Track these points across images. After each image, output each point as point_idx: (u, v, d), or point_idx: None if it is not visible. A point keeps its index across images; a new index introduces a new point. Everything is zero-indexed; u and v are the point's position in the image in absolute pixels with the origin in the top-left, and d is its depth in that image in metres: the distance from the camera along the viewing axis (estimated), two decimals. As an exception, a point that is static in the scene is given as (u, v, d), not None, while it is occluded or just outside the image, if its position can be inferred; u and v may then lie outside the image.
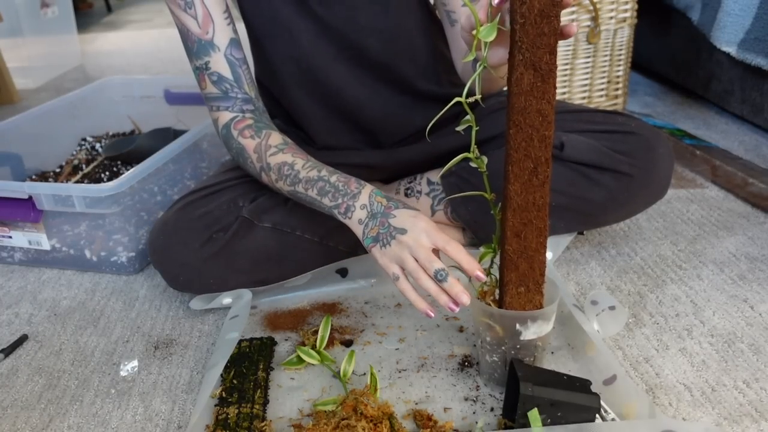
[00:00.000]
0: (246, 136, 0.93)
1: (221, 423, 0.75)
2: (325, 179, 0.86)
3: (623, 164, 0.97)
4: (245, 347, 0.89)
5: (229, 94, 0.94)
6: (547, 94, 0.66)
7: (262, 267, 0.97)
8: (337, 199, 0.85)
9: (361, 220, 0.82)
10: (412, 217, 0.78)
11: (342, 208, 0.84)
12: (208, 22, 0.92)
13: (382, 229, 0.79)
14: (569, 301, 0.90)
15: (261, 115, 0.98)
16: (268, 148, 0.92)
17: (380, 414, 0.72)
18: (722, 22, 1.43)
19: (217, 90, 0.94)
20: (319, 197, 0.86)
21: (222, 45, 0.93)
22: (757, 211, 1.20)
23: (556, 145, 0.98)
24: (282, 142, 0.93)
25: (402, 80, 1.03)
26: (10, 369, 0.91)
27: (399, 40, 1.00)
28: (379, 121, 1.06)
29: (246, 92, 0.95)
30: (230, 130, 0.95)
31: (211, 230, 0.96)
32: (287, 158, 0.90)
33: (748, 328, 0.89)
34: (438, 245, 0.75)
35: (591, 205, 1.00)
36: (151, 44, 3.16)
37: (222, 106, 0.95)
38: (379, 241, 0.79)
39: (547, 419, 0.69)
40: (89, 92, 1.63)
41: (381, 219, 0.80)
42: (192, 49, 0.94)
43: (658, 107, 1.75)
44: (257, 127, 0.94)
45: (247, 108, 0.96)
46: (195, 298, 0.97)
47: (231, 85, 0.94)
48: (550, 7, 0.62)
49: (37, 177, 1.43)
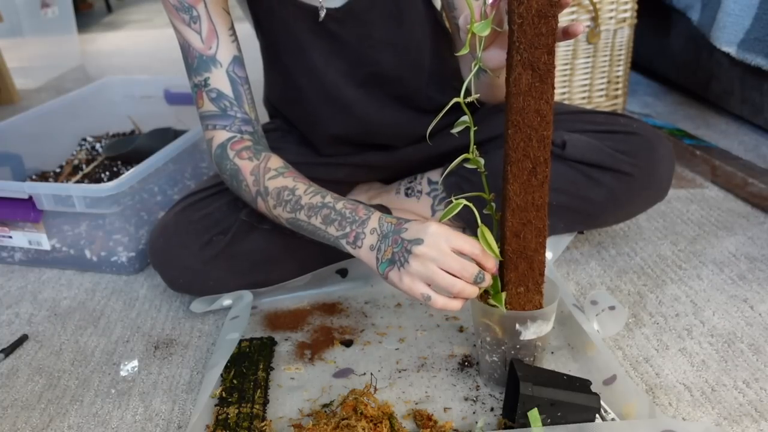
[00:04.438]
0: (243, 157, 0.87)
1: (221, 423, 0.75)
2: (330, 206, 0.80)
3: (624, 164, 0.97)
4: (245, 347, 0.89)
5: (228, 113, 0.89)
6: (545, 95, 0.66)
7: (262, 269, 0.97)
8: (344, 227, 0.79)
9: (372, 246, 0.76)
10: (423, 225, 0.73)
11: (351, 237, 0.78)
12: (213, 37, 0.87)
13: (396, 248, 0.73)
14: (569, 301, 0.90)
15: (260, 139, 0.92)
16: (267, 171, 0.86)
17: (380, 414, 0.72)
18: (722, 22, 1.43)
19: (215, 107, 0.89)
20: (323, 226, 0.80)
21: (225, 61, 0.88)
22: (757, 211, 1.20)
23: (557, 144, 0.98)
24: (282, 165, 0.87)
25: (412, 94, 1.01)
26: (10, 369, 0.91)
27: (410, 53, 0.98)
28: (389, 136, 1.05)
29: (246, 112, 0.90)
30: (226, 150, 0.88)
31: (211, 233, 0.96)
32: (288, 182, 0.84)
33: (748, 328, 0.89)
34: (464, 250, 0.71)
35: (591, 204, 1.00)
36: (151, 44, 3.16)
37: (219, 124, 0.89)
38: (395, 262, 0.73)
39: (547, 419, 0.69)
40: (89, 92, 1.63)
41: (393, 237, 0.74)
42: (192, 66, 0.89)
43: (658, 107, 1.75)
44: (256, 149, 0.89)
45: (246, 129, 0.90)
46: (195, 301, 0.97)
47: (230, 102, 0.89)
48: (548, 7, 0.62)
49: (37, 177, 1.43)
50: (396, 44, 0.96)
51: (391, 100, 1.01)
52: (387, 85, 0.99)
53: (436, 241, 0.70)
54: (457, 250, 0.71)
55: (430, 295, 0.71)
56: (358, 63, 0.97)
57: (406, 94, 1.01)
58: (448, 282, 0.70)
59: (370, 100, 1.00)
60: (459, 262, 0.70)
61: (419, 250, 0.71)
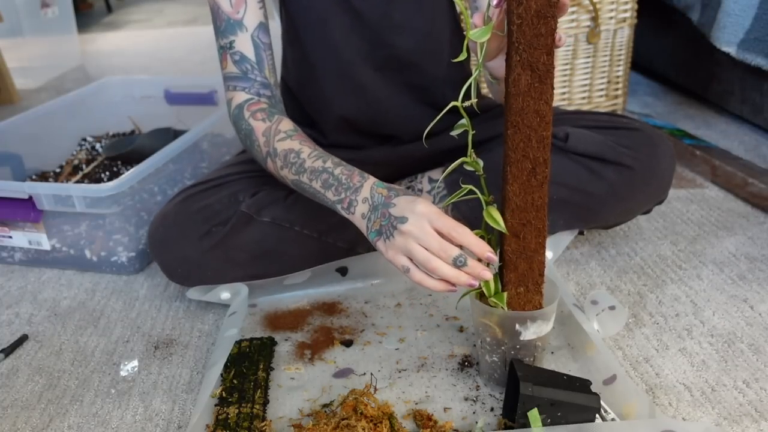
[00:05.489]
0: (257, 118, 0.92)
1: (221, 423, 0.75)
2: (329, 171, 0.84)
3: (626, 157, 0.98)
4: (245, 347, 0.89)
5: (249, 75, 0.93)
6: (544, 95, 0.66)
7: (260, 261, 0.98)
8: (340, 193, 0.82)
9: (363, 214, 0.80)
10: (410, 203, 0.75)
11: (345, 203, 0.82)
12: (241, 3, 0.91)
13: (383, 221, 0.77)
14: (569, 301, 0.90)
15: (277, 103, 0.96)
16: (277, 132, 0.90)
17: (380, 414, 0.72)
18: (722, 22, 1.43)
19: (237, 70, 0.93)
20: (323, 190, 0.84)
21: (250, 26, 0.92)
22: (757, 211, 1.20)
23: (560, 137, 0.99)
24: (292, 128, 0.91)
25: (428, 85, 1.03)
26: (10, 369, 0.91)
27: (429, 40, 1.00)
28: (396, 125, 1.06)
29: (265, 77, 0.94)
30: (242, 110, 0.93)
31: (210, 223, 0.96)
32: (294, 145, 0.88)
33: (748, 328, 0.89)
34: (442, 231, 0.73)
35: (592, 198, 1.00)
36: (151, 44, 3.16)
37: (239, 86, 0.94)
38: (382, 234, 0.77)
39: (547, 419, 0.69)
40: (89, 92, 1.63)
41: (382, 210, 0.78)
42: (219, 28, 0.93)
43: (658, 107, 1.75)
44: (270, 111, 0.92)
45: (264, 93, 0.94)
46: (192, 289, 0.98)
47: (252, 66, 0.93)
48: (546, 8, 0.62)
49: (37, 177, 1.43)
50: (416, 28, 0.98)
51: (406, 89, 1.02)
52: (404, 70, 1.01)
53: (420, 221, 0.74)
54: (438, 230, 0.73)
55: (409, 268, 0.75)
56: (376, 43, 0.99)
57: (422, 84, 1.02)
58: (425, 257, 0.73)
59: (385, 85, 1.01)
60: (438, 243, 0.72)
61: (404, 227, 0.74)
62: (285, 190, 1.01)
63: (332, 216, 0.99)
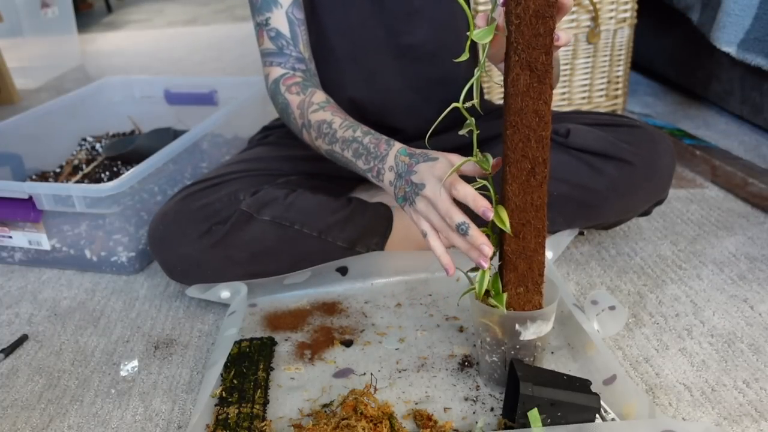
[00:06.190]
0: (293, 92, 0.95)
1: (221, 423, 0.75)
2: (359, 140, 0.87)
3: (627, 152, 0.98)
4: (245, 347, 0.89)
5: (284, 51, 0.97)
6: (543, 95, 0.66)
7: (259, 260, 0.98)
8: (369, 162, 0.86)
9: (391, 182, 0.84)
10: (429, 168, 0.79)
11: (374, 171, 0.86)
12: None
13: (407, 188, 0.80)
14: (569, 301, 0.90)
15: (311, 77, 0.99)
16: (311, 105, 0.93)
17: (380, 414, 0.72)
18: (722, 22, 1.43)
19: (273, 46, 0.97)
20: (354, 159, 0.88)
21: (285, 3, 0.96)
22: (757, 211, 1.20)
23: (561, 133, 1.00)
24: (324, 100, 0.94)
25: (444, 78, 1.04)
26: (10, 369, 0.91)
27: (447, 32, 1.02)
28: (404, 118, 1.07)
29: (300, 52, 0.98)
30: (279, 85, 0.97)
31: (210, 222, 0.97)
32: (326, 116, 0.91)
33: (748, 328, 0.89)
34: (455, 195, 0.75)
35: (592, 194, 1.00)
36: (151, 44, 3.16)
37: (275, 61, 0.98)
38: (407, 200, 0.81)
39: (547, 419, 0.69)
40: (89, 92, 1.63)
41: (405, 178, 0.81)
42: (256, 5, 0.97)
43: (658, 107, 1.75)
44: (304, 85, 0.96)
45: (299, 67, 0.98)
46: (192, 287, 0.98)
47: (287, 42, 0.97)
48: (545, 8, 0.62)
49: (37, 177, 1.43)
50: (434, 18, 1.01)
51: (421, 83, 1.04)
52: (421, 61, 1.03)
53: (436, 188, 0.77)
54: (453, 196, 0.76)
55: (427, 233, 0.78)
56: (394, 31, 1.01)
57: (439, 78, 1.04)
58: (439, 224, 0.77)
59: (400, 75, 1.03)
60: (445, 207, 0.75)
61: (423, 193, 0.78)
62: (285, 189, 1.01)
63: (332, 215, 0.99)
